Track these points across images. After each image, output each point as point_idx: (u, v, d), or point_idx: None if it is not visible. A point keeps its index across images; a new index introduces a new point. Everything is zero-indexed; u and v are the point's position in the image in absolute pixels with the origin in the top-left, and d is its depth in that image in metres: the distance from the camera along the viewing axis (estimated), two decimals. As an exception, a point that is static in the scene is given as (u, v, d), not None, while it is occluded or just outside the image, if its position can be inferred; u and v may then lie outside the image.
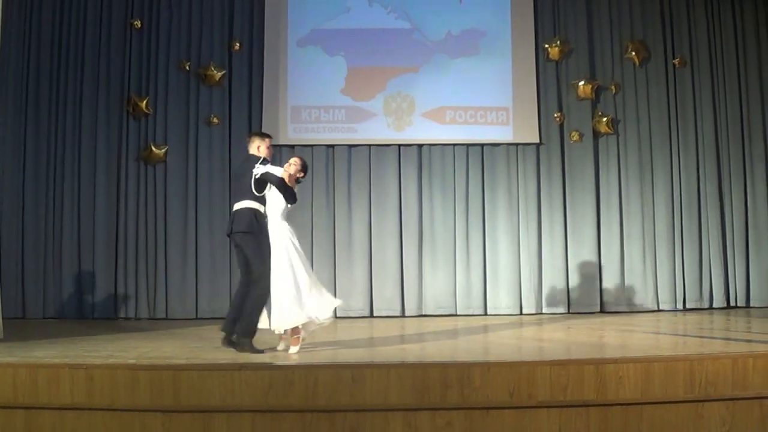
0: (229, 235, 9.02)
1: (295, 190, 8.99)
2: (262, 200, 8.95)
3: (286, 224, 9.04)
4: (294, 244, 8.95)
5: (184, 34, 14.24)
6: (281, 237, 8.87)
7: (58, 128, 14.00)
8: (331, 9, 14.41)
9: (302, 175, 9.31)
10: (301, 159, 9.48)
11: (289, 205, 9.01)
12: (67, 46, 14.13)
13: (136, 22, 14.07)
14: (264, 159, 9.13)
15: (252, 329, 8.63)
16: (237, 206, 8.89)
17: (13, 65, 13.86)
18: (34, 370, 7.00)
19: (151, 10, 14.21)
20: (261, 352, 8.45)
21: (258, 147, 9.30)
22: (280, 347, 8.91)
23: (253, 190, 8.84)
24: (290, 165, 9.10)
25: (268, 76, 14.23)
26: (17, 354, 8.14)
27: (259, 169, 8.86)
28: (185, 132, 14.10)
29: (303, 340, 8.87)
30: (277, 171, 8.84)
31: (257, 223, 8.79)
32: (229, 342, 8.62)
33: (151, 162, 13.97)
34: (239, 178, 9.15)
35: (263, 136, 9.52)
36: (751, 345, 8.73)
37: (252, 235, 8.74)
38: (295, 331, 8.76)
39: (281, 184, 8.80)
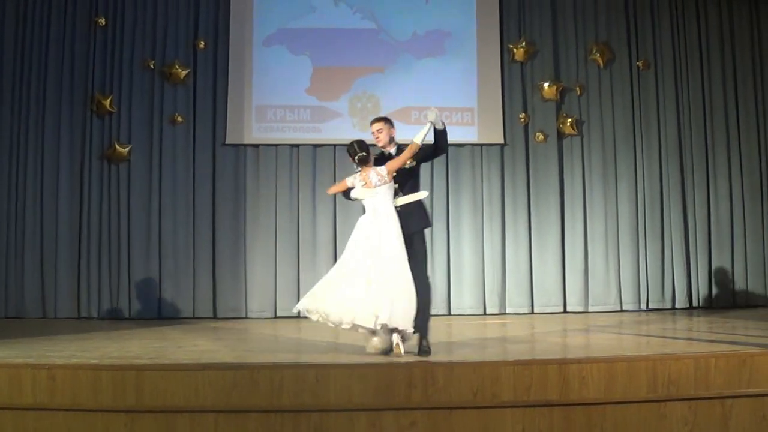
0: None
1: (358, 177, 8.91)
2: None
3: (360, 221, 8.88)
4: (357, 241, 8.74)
5: (148, 32, 14.16)
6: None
7: (20, 126, 13.89)
8: (297, 8, 14.37)
9: (354, 161, 9.01)
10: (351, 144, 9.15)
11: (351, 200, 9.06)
12: (30, 43, 14.01)
13: (100, 20, 13.98)
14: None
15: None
16: None
17: (-25, 62, 13.79)
18: (-5, 370, 6.96)
19: (115, 7, 14.11)
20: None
21: None
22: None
23: None
24: None
25: (233, 75, 14.17)
26: (-22, 354, 8.10)
27: None
28: (149, 131, 14.03)
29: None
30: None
31: None
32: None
33: (115, 161, 13.90)
34: None
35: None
36: (713, 345, 8.78)
37: None
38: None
39: None
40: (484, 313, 14.00)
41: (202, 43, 14.14)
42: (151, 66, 14.04)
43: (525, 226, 14.31)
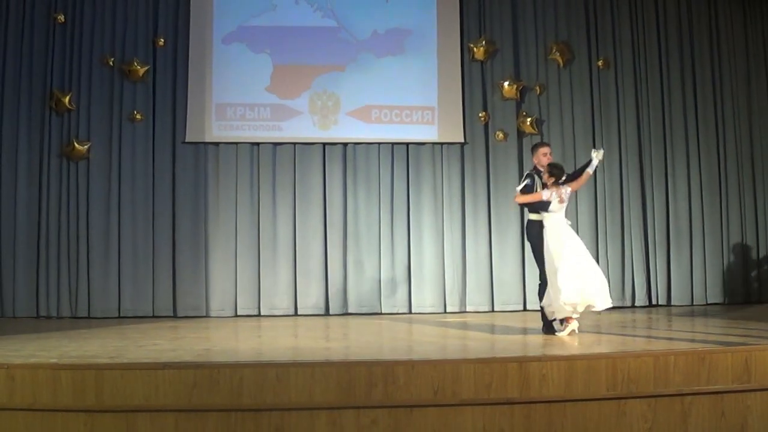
0: None
1: (555, 194, 10.09)
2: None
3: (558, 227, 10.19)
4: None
5: (107, 28, 14.08)
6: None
7: (-22, 123, 13.81)
8: (257, 6, 14.35)
9: (551, 180, 10.15)
10: (549, 165, 10.38)
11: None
12: (-13, 39, 13.95)
13: (59, 17, 13.90)
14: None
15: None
16: None
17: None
18: (-47, 369, 6.91)
19: (74, 4, 14.03)
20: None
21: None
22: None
23: None
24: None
25: (192, 73, 14.12)
26: (-66, 353, 8.03)
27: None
28: (108, 128, 13.95)
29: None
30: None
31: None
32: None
33: (74, 158, 13.81)
34: None
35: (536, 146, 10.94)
36: (672, 343, 8.85)
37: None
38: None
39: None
40: (445, 311, 14.04)
41: (162, 40, 14.08)
42: (111, 63, 13.96)
43: (485, 225, 14.37)
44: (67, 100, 13.79)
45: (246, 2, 14.35)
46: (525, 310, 14.09)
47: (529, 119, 14.42)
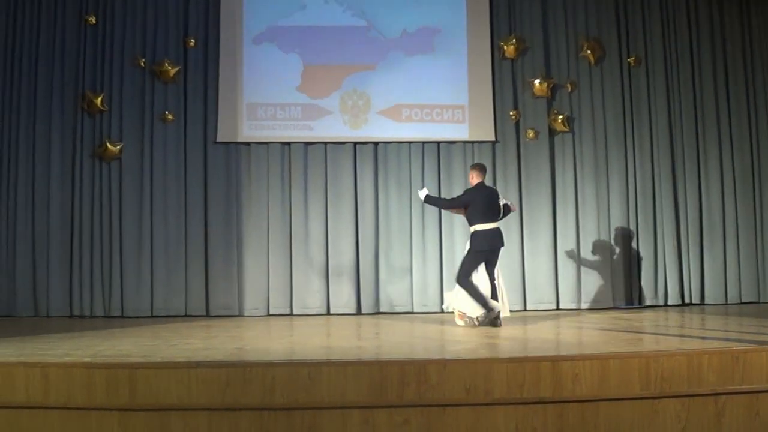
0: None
1: None
2: None
3: None
4: None
5: (139, 30, 14.17)
6: None
7: (11, 125, 13.92)
8: (287, 6, 14.39)
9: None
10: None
11: None
12: (20, 41, 14.03)
13: (90, 18, 13.99)
14: None
15: None
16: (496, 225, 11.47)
17: (-37, 62, 13.77)
18: (-13, 369, 6.95)
19: (105, 5, 14.13)
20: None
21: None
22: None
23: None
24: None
25: (223, 73, 14.19)
26: (-29, 353, 8.08)
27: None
28: (140, 129, 14.04)
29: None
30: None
31: None
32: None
33: (106, 159, 13.90)
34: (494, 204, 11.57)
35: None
36: (705, 342, 8.80)
37: None
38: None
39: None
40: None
41: (192, 41, 14.15)
42: (142, 64, 14.04)
43: (517, 224, 14.30)
44: (99, 101, 13.87)
45: (276, 2, 14.38)
46: (558, 309, 14.09)
47: (560, 117, 14.38)
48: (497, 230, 11.36)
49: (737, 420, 7.02)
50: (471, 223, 11.39)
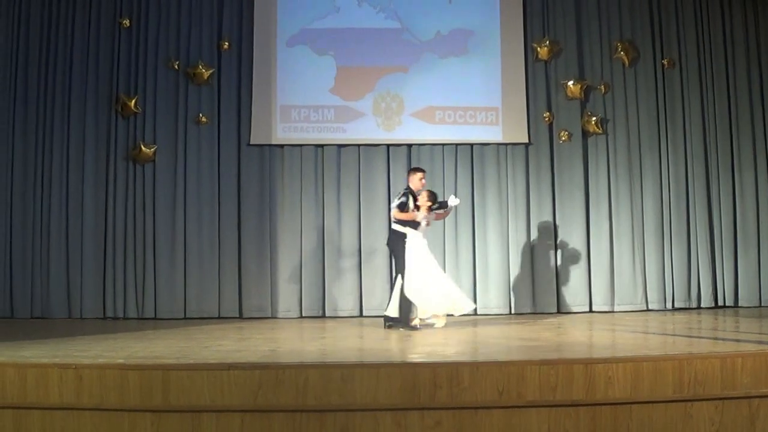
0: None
1: (426, 217, 11.67)
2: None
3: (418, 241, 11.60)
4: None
5: (172, 32, 14.25)
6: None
7: (46, 127, 14.02)
8: (321, 8, 14.42)
9: (428, 204, 11.69)
10: (428, 191, 11.85)
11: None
12: (55, 44, 14.14)
13: (124, 21, 14.08)
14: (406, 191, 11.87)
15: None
16: None
17: (1, 63, 13.85)
18: (22, 369, 6.98)
19: (139, 8, 14.22)
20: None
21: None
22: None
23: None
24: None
25: (257, 76, 14.24)
26: (5, 354, 8.12)
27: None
28: (174, 131, 14.11)
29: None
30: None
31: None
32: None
33: (140, 161, 13.97)
34: None
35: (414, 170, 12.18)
36: (739, 345, 8.75)
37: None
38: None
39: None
40: (510, 313, 14.02)
41: (226, 43, 14.21)
42: (176, 67, 14.11)
43: (550, 226, 14.31)
44: (133, 103, 13.95)
45: (309, 5, 14.42)
46: (591, 311, 14.06)
47: (594, 119, 14.34)
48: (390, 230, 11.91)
49: (772, 423, 7.00)
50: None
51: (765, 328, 10.61)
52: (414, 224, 11.50)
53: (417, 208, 11.59)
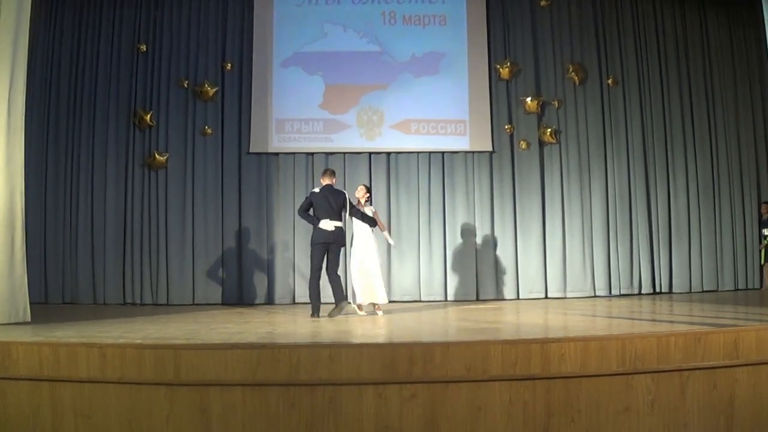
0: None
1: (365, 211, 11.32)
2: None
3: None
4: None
5: (183, 56, 14.29)
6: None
7: (74, 137, 14.09)
8: (311, 34, 14.46)
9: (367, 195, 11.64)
10: (363, 185, 11.77)
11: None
12: (83, 66, 14.20)
13: (142, 47, 14.13)
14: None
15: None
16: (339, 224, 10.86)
17: (38, 81, 13.86)
18: (56, 348, 6.97)
19: (155, 35, 14.31)
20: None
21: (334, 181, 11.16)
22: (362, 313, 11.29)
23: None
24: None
25: (255, 93, 14.27)
26: (42, 334, 8.12)
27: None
28: (183, 141, 14.16)
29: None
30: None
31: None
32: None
33: (154, 167, 13.99)
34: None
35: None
36: (673, 326, 8.79)
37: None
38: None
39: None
40: (477, 299, 14.04)
41: (229, 65, 14.24)
42: (185, 85, 14.13)
43: (511, 223, 14.40)
44: (148, 117, 13.98)
45: (301, 31, 14.45)
46: (546, 297, 14.14)
47: (548, 130, 14.41)
48: (337, 228, 10.76)
49: (699, 392, 7.02)
50: (317, 220, 10.79)
51: (695, 311, 10.67)
52: (373, 222, 11.22)
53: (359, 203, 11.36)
